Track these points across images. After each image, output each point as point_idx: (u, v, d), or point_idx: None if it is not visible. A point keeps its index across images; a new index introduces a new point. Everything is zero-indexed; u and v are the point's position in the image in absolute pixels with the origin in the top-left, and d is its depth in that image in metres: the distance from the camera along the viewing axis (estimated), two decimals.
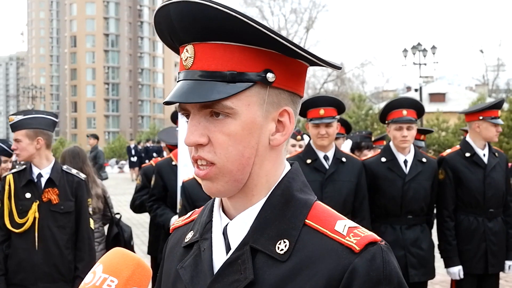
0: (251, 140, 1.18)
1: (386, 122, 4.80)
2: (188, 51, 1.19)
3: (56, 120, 4.36)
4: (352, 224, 1.19)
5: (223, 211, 1.29)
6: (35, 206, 4.14)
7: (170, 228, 1.50)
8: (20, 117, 4.19)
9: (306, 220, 1.19)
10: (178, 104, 1.21)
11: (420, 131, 6.99)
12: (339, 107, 4.45)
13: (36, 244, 4.13)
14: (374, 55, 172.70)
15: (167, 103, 1.19)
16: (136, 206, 6.17)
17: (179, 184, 5.20)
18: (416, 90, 32.57)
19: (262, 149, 1.21)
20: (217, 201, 1.31)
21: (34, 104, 60.27)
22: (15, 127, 4.17)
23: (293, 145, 5.32)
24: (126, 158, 41.88)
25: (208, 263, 1.23)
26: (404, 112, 4.64)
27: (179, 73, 1.24)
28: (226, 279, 1.18)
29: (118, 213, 5.80)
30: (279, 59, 1.18)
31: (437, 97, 50.59)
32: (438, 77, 65.67)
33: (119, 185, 25.83)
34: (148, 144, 30.56)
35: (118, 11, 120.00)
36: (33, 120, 4.19)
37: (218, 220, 1.27)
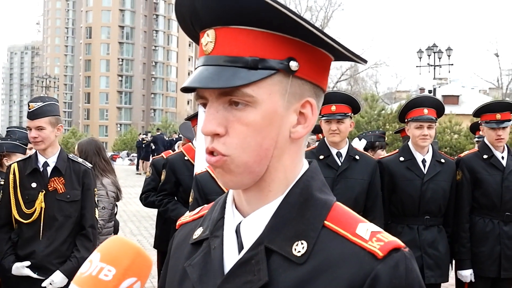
0: (271, 131, 1.11)
1: (406, 120, 4.72)
2: (209, 35, 1.12)
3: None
4: (375, 228, 1.12)
5: (236, 208, 1.21)
6: (41, 196, 4.07)
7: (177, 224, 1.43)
8: (40, 103, 4.03)
9: (325, 222, 1.12)
10: (196, 92, 1.14)
11: None
12: (352, 104, 4.41)
13: (41, 233, 4.09)
14: (388, 55, 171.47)
15: (185, 89, 1.12)
16: (149, 202, 6.07)
17: None
18: (429, 91, 32.31)
19: (282, 142, 1.13)
20: (230, 197, 1.23)
21: (47, 94, 60.54)
22: (36, 114, 4.00)
23: None
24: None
25: (218, 262, 1.16)
26: (425, 110, 4.59)
27: (197, 59, 1.17)
28: (238, 279, 1.11)
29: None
30: (303, 48, 1.11)
31: (451, 100, 50.17)
32: (452, 79, 65.34)
33: (129, 177, 25.91)
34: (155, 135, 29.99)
35: (134, 4, 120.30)
36: (52, 107, 4.10)
37: (231, 217, 1.20)
